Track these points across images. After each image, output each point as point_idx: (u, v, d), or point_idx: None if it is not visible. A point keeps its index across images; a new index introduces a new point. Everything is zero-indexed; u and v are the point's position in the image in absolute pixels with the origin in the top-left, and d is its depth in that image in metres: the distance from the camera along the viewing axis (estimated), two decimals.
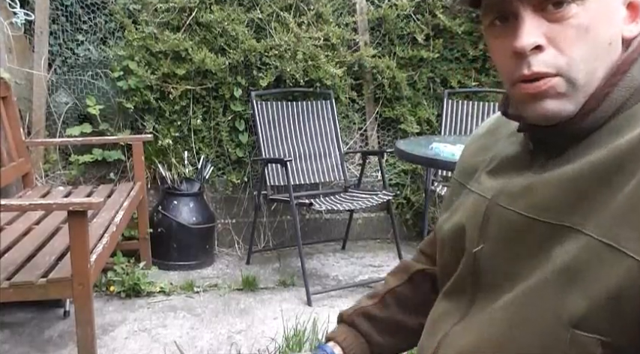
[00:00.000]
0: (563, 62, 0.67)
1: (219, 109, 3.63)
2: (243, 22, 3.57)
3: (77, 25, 3.54)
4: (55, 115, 3.52)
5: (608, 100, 0.68)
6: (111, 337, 2.59)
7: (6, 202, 2.07)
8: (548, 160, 0.72)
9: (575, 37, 0.66)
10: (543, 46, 0.67)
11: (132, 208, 3.00)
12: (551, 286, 0.64)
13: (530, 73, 0.67)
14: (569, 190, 0.66)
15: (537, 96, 0.68)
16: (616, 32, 0.69)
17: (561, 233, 0.65)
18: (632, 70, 0.68)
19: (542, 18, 0.67)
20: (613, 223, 0.61)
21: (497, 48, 0.72)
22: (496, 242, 0.74)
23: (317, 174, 3.62)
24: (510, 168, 0.79)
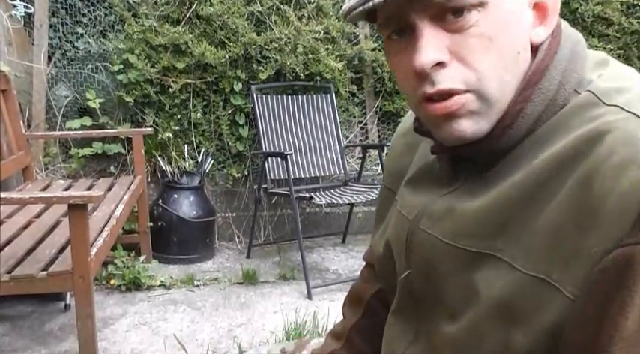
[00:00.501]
0: (472, 77, 0.60)
1: (220, 103, 3.62)
2: (243, 15, 3.56)
3: (77, 18, 3.53)
4: (55, 109, 3.52)
5: (522, 115, 0.62)
6: (111, 330, 2.60)
7: (6, 195, 2.07)
8: (470, 180, 0.67)
9: (480, 47, 0.59)
10: (446, 62, 0.60)
11: (132, 201, 3.00)
12: (489, 322, 0.60)
13: (435, 90, 0.61)
14: (489, 215, 0.62)
15: (448, 116, 0.61)
16: (524, 39, 0.63)
17: (481, 260, 0.61)
18: (543, 81, 0.62)
19: (442, 29, 0.60)
20: (538, 250, 0.56)
21: (397, 65, 0.65)
22: (421, 268, 0.71)
23: (317, 168, 3.62)
24: (431, 183, 0.73)
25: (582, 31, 3.89)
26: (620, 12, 3.93)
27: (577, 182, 0.54)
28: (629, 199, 0.50)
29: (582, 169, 0.55)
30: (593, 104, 0.59)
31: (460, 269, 0.64)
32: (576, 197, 0.54)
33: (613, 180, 0.51)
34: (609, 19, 3.91)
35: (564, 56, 0.64)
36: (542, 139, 0.61)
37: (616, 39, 3.96)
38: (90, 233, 2.09)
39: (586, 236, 0.52)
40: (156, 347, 2.45)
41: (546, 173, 0.58)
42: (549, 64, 0.63)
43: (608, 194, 0.51)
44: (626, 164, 0.51)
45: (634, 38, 4.01)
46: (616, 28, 3.95)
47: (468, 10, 0.59)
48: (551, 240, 0.55)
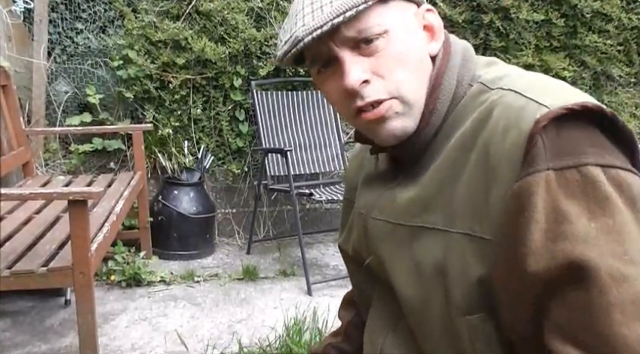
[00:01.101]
0: (392, 87, 0.75)
1: (219, 99, 3.62)
2: (243, 10, 3.55)
3: (76, 13, 3.53)
4: (54, 104, 3.51)
5: (434, 113, 0.77)
6: (112, 326, 2.60)
7: (6, 191, 2.06)
8: (408, 173, 0.81)
9: (392, 64, 0.75)
10: (369, 79, 0.75)
11: (132, 197, 3.00)
12: (431, 285, 0.73)
13: (364, 103, 0.76)
14: (420, 195, 0.76)
15: (380, 120, 0.77)
16: (423, 52, 0.79)
17: (419, 233, 0.75)
18: (443, 83, 0.78)
19: (360, 55, 0.75)
20: (462, 214, 0.70)
21: (330, 91, 0.80)
22: (376, 252, 0.84)
23: (317, 164, 3.62)
24: (377, 182, 0.88)
25: (581, 26, 3.90)
26: (620, 8, 3.92)
27: (479, 152, 0.69)
28: (514, 152, 0.64)
29: (481, 141, 0.69)
30: (482, 91, 0.75)
31: (402, 244, 0.78)
32: (480, 165, 0.68)
33: (502, 142, 0.66)
34: (609, 14, 3.90)
35: (457, 61, 0.80)
36: (450, 128, 0.76)
37: (616, 35, 3.96)
38: (90, 229, 2.09)
39: (491, 190, 0.66)
40: (156, 343, 2.45)
41: (456, 153, 0.73)
42: (445, 70, 0.79)
43: (500, 154, 0.66)
44: (508, 128, 0.66)
45: (634, 34, 4.01)
46: (616, 24, 3.94)
47: (376, 38, 0.75)
48: (468, 202, 0.69)
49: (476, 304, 0.69)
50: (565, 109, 0.63)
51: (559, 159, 0.62)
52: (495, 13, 3.75)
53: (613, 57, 3.99)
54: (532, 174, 0.62)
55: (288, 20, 0.79)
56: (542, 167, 0.62)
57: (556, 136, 0.63)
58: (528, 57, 3.79)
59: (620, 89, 4.09)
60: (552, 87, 0.71)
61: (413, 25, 0.78)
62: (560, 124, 0.63)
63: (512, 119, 0.66)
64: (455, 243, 0.70)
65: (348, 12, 0.72)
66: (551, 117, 0.63)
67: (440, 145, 0.76)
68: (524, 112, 0.65)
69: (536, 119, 0.63)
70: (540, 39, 3.87)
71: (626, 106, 4.08)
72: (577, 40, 3.92)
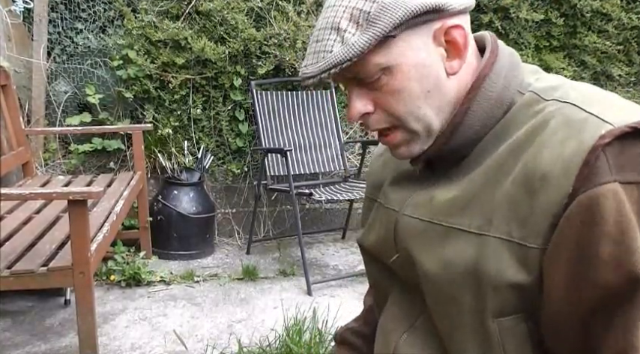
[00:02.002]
0: (393, 119, 0.78)
1: (219, 99, 3.62)
2: (243, 10, 3.55)
3: (76, 13, 3.53)
4: (54, 104, 3.51)
5: (470, 113, 0.77)
6: (111, 325, 2.60)
7: (6, 191, 2.06)
8: (445, 174, 0.82)
9: (392, 99, 0.77)
10: (371, 111, 0.79)
11: (132, 197, 3.00)
12: (462, 289, 0.73)
13: (371, 130, 0.81)
14: (459, 197, 0.76)
15: (390, 146, 0.82)
16: (434, 78, 0.77)
17: (451, 234, 0.75)
18: (484, 85, 0.77)
19: (365, 88, 0.78)
20: (500, 217, 0.70)
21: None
22: (405, 250, 0.83)
23: (317, 164, 3.62)
24: (412, 181, 0.88)
25: (581, 26, 3.90)
26: (620, 7, 3.92)
27: (527, 159, 0.69)
28: (572, 161, 0.64)
29: (532, 149, 0.69)
30: (536, 101, 0.75)
31: (434, 243, 0.77)
32: (527, 170, 0.68)
33: (558, 151, 0.66)
34: (608, 14, 3.90)
35: (503, 65, 0.79)
36: (500, 133, 0.76)
37: (616, 34, 3.96)
38: (90, 229, 2.09)
39: (538, 198, 0.66)
40: (156, 343, 2.45)
41: (505, 157, 0.73)
42: (489, 72, 0.78)
43: (556, 161, 0.66)
44: (567, 138, 0.66)
45: (633, 33, 4.01)
46: (615, 24, 3.94)
47: (377, 78, 0.76)
48: (508, 207, 0.69)
49: (510, 306, 0.70)
50: (629, 128, 0.64)
51: (625, 172, 0.63)
52: (495, 13, 3.75)
53: (613, 57, 4.00)
54: (601, 185, 0.63)
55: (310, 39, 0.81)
56: (609, 179, 0.63)
57: (619, 153, 0.64)
58: (528, 57, 3.79)
59: (620, 89, 4.09)
60: (610, 101, 0.71)
61: (423, 52, 0.76)
62: (622, 141, 0.64)
63: (573, 131, 0.67)
64: (491, 246, 0.70)
65: (338, 65, 0.74)
66: (617, 134, 0.64)
67: (486, 150, 0.76)
68: (586, 126, 0.66)
69: (601, 134, 0.64)
70: (540, 39, 3.87)
71: None
72: (577, 40, 3.92)
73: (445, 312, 0.76)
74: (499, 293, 0.69)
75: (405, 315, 0.85)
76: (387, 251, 0.87)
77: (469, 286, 0.72)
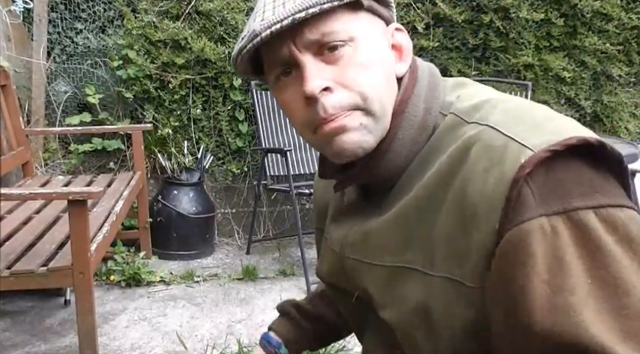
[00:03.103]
0: (357, 98, 0.70)
1: (219, 99, 3.62)
2: (243, 10, 3.55)
3: (76, 13, 3.52)
4: (54, 104, 3.51)
5: (397, 140, 0.73)
6: (111, 325, 2.60)
7: (6, 191, 2.06)
8: (378, 204, 0.77)
9: (357, 73, 0.70)
10: (332, 88, 0.70)
11: (132, 197, 3.00)
12: (418, 329, 0.69)
13: (327, 115, 0.70)
14: (395, 233, 0.72)
15: (338, 130, 0.71)
16: (390, 69, 0.74)
17: (399, 273, 0.72)
18: (408, 109, 0.73)
19: (323, 62, 0.70)
20: (440, 256, 0.66)
21: (288, 100, 0.74)
22: (361, 290, 0.80)
23: (317, 164, 3.61)
24: (347, 215, 0.84)
25: (581, 26, 3.90)
26: (620, 7, 3.92)
27: (455, 193, 0.65)
28: (495, 195, 0.60)
29: (457, 182, 0.65)
30: (458, 123, 0.70)
31: (383, 284, 0.74)
32: (457, 205, 0.65)
33: (481, 184, 0.62)
34: (609, 14, 3.90)
35: (423, 87, 0.75)
36: (425, 159, 0.72)
37: (616, 34, 3.96)
38: (90, 229, 2.09)
39: (471, 235, 0.63)
40: (155, 343, 2.45)
41: (432, 188, 0.69)
42: (411, 95, 0.74)
43: (480, 196, 0.62)
44: (489, 168, 0.62)
45: (634, 34, 4.01)
46: (616, 24, 3.94)
47: (341, 45, 0.70)
48: (446, 245, 0.66)
49: (464, 347, 0.66)
50: (550, 152, 0.59)
51: (548, 203, 0.59)
52: (495, 13, 3.75)
53: (613, 57, 3.99)
54: (525, 222, 0.59)
55: (249, 18, 0.75)
56: (534, 214, 0.59)
57: (544, 180, 0.60)
58: (528, 57, 3.79)
59: (620, 89, 4.09)
60: (533, 119, 0.66)
61: (381, 40, 0.74)
62: (547, 166, 0.60)
63: (494, 160, 0.62)
64: (436, 286, 0.67)
65: (311, 9, 0.67)
66: (536, 162, 0.59)
67: (413, 178, 0.72)
68: (506, 153, 0.62)
69: (521, 164, 0.59)
70: (540, 39, 3.87)
71: (626, 106, 4.08)
72: (577, 40, 3.92)
73: (407, 348, 0.73)
74: (451, 333, 0.66)
75: (385, 345, 0.82)
76: (346, 288, 0.84)
77: (422, 325, 0.69)
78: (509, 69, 3.85)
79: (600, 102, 4.03)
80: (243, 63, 0.74)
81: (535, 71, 3.84)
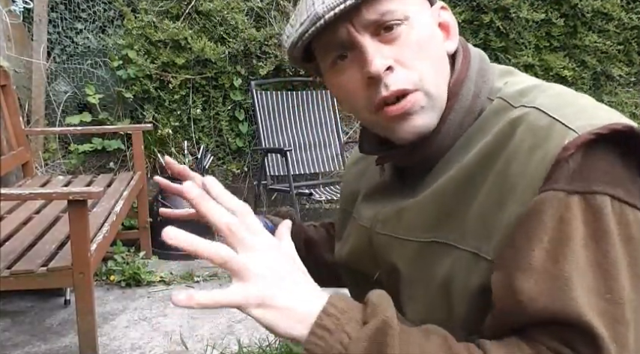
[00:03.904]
0: (416, 77, 0.71)
1: (219, 99, 3.62)
2: (243, 10, 3.55)
3: (76, 13, 3.53)
4: (54, 104, 3.51)
5: (447, 122, 0.74)
6: (111, 326, 2.60)
7: (6, 191, 2.06)
8: (413, 185, 0.78)
9: (414, 52, 0.71)
10: (393, 66, 0.71)
11: (132, 197, 3.00)
12: (437, 298, 0.71)
13: (390, 93, 0.71)
14: (431, 209, 0.73)
15: (404, 115, 0.72)
16: (441, 48, 0.75)
17: (432, 248, 0.72)
18: (462, 91, 0.74)
19: (380, 42, 0.71)
20: (473, 231, 0.68)
21: (347, 82, 0.74)
22: (386, 267, 0.80)
23: (317, 164, 3.62)
24: (382, 194, 0.85)
25: (582, 26, 3.90)
26: (620, 7, 3.92)
27: (499, 170, 0.67)
28: (537, 173, 0.62)
29: (502, 159, 0.67)
30: (504, 108, 0.72)
31: (415, 259, 0.75)
32: (499, 182, 0.66)
33: (525, 161, 0.64)
34: (609, 14, 3.90)
35: (475, 71, 0.77)
36: (468, 141, 0.73)
37: (616, 34, 3.96)
38: (90, 229, 2.09)
39: (505, 211, 0.64)
40: (155, 343, 2.45)
41: (474, 167, 0.70)
42: (465, 78, 0.75)
43: (522, 173, 0.64)
44: (534, 147, 0.64)
45: (634, 33, 4.01)
46: (616, 24, 3.94)
47: (397, 24, 0.71)
48: (480, 220, 0.67)
49: (479, 322, 0.67)
50: (594, 134, 0.61)
51: (572, 183, 0.61)
52: (495, 13, 3.75)
53: (613, 57, 3.99)
54: (546, 191, 0.61)
55: (301, 5, 0.74)
56: (556, 187, 0.61)
57: (580, 162, 0.62)
58: (528, 57, 3.79)
59: (620, 89, 4.09)
60: (579, 104, 0.68)
61: (430, 20, 0.75)
62: (586, 149, 0.62)
63: (539, 139, 0.64)
64: (462, 260, 0.68)
65: None
66: (579, 144, 0.61)
67: (454, 158, 0.73)
68: (551, 133, 0.64)
69: (564, 145, 0.62)
70: (540, 39, 3.87)
71: (626, 105, 4.08)
72: (577, 40, 3.92)
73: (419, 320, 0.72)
74: (467, 306, 0.67)
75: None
76: (368, 268, 0.85)
77: (442, 299, 0.70)
78: None
79: (600, 102, 4.01)
80: (301, 48, 0.74)
81: (535, 71, 3.84)
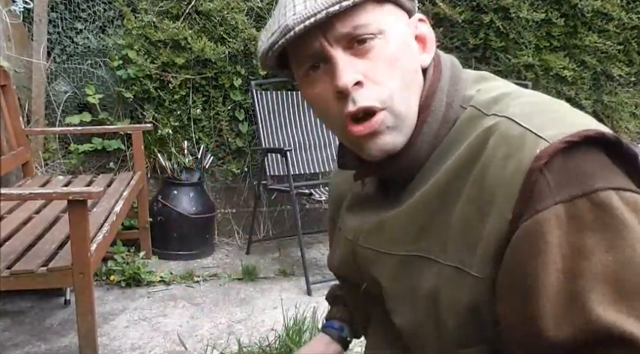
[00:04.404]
0: (385, 94, 0.71)
1: (219, 99, 3.61)
2: (243, 10, 3.55)
3: (76, 13, 3.52)
4: (54, 104, 3.51)
5: (421, 134, 0.74)
6: (111, 326, 2.60)
7: (6, 191, 2.06)
8: (395, 197, 0.78)
9: (386, 68, 0.71)
10: (362, 82, 0.70)
11: (132, 197, 3.00)
12: (424, 312, 0.71)
13: (356, 109, 0.70)
14: (411, 222, 0.73)
15: (371, 135, 0.71)
16: (416, 61, 0.75)
17: (413, 262, 0.72)
18: (433, 103, 0.74)
19: (353, 56, 0.70)
20: (454, 245, 0.67)
21: (317, 95, 0.74)
22: (371, 279, 0.80)
23: (317, 164, 3.62)
24: (365, 206, 0.85)
25: (582, 26, 3.90)
26: (620, 7, 3.92)
27: (474, 180, 0.66)
28: (511, 184, 0.61)
29: (477, 169, 0.66)
30: (477, 116, 0.71)
31: (397, 273, 0.75)
32: (476, 193, 0.66)
33: (500, 172, 0.63)
34: (609, 14, 3.90)
35: (446, 80, 0.76)
36: (444, 152, 0.73)
37: (616, 34, 3.96)
38: (90, 229, 2.09)
39: (486, 222, 0.63)
40: (155, 343, 2.45)
41: (450, 178, 0.69)
42: (436, 89, 0.75)
43: (498, 183, 0.63)
44: (507, 156, 0.63)
45: (634, 33, 4.01)
46: (616, 24, 3.94)
47: (371, 38, 0.70)
48: (461, 233, 0.67)
49: (470, 336, 0.67)
50: (565, 143, 0.60)
51: (566, 189, 0.59)
52: (495, 13, 3.75)
53: (613, 57, 3.99)
54: (540, 212, 0.59)
55: (275, 12, 0.74)
56: (549, 203, 0.59)
57: (560, 169, 0.60)
58: (528, 57, 3.79)
59: (620, 89, 4.09)
60: (551, 112, 0.67)
61: (406, 32, 0.75)
62: (562, 156, 0.61)
63: (512, 148, 0.63)
64: (446, 274, 0.68)
65: (344, 2, 0.67)
66: (552, 152, 0.60)
67: (431, 171, 0.73)
68: (523, 143, 0.63)
69: (536, 155, 0.60)
70: (540, 38, 3.87)
71: (626, 105, 4.08)
72: (577, 40, 3.92)
73: (415, 339, 0.74)
74: (457, 321, 0.66)
75: (388, 338, 0.82)
76: (355, 279, 0.85)
77: (431, 313, 0.70)
78: (510, 69, 3.85)
79: (600, 102, 4.03)
80: (272, 58, 0.74)
81: (535, 71, 3.84)
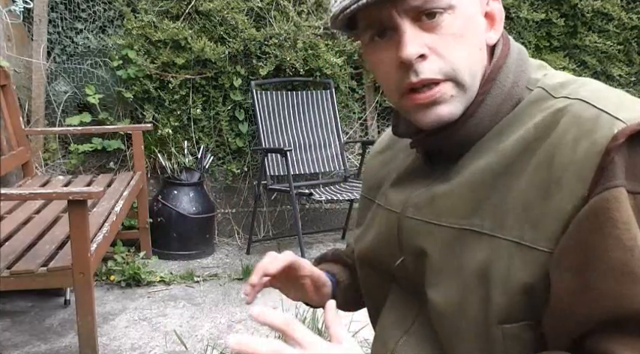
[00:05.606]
0: (449, 67, 0.71)
1: (219, 99, 3.61)
2: (243, 10, 3.55)
3: (76, 13, 3.52)
4: (54, 104, 3.51)
5: (483, 106, 0.74)
6: (111, 325, 2.60)
7: (6, 191, 2.06)
8: (445, 170, 0.77)
9: (452, 43, 0.71)
10: (426, 55, 0.70)
11: (132, 197, 3.00)
12: (472, 290, 0.70)
13: (418, 80, 0.71)
14: (466, 196, 0.73)
15: (431, 104, 0.72)
16: (482, 39, 0.75)
17: (464, 236, 0.72)
18: (499, 77, 0.74)
19: (420, 29, 0.71)
20: (513, 220, 0.67)
21: (380, 62, 0.75)
22: (412, 252, 0.79)
23: (317, 164, 3.62)
24: (412, 179, 0.84)
25: (582, 26, 3.90)
26: (620, 7, 3.92)
27: (540, 160, 0.67)
28: (585, 163, 0.62)
29: (544, 149, 0.67)
30: (545, 98, 0.72)
31: (446, 246, 0.74)
32: (541, 172, 0.66)
33: (571, 152, 0.64)
34: (609, 14, 3.90)
35: (514, 60, 0.76)
36: (505, 128, 0.73)
37: (616, 34, 3.96)
38: (90, 229, 2.09)
39: (551, 201, 0.64)
40: (155, 343, 2.45)
41: (513, 155, 0.70)
42: (503, 65, 0.75)
43: (568, 164, 0.64)
44: (579, 138, 0.64)
45: (634, 33, 4.01)
46: (616, 24, 3.94)
47: (440, 13, 0.70)
48: (521, 210, 0.67)
49: (517, 312, 0.67)
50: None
51: (633, 182, 0.61)
52: None
53: (613, 57, 3.99)
54: (611, 188, 0.61)
55: None
56: (620, 183, 0.61)
57: (630, 156, 0.62)
58: None
59: (620, 89, 4.08)
60: (620, 98, 0.69)
61: (476, 9, 0.74)
62: (633, 142, 0.62)
63: (585, 130, 0.64)
64: (502, 249, 0.68)
65: None
66: (629, 133, 0.61)
67: (489, 144, 0.73)
68: (599, 123, 0.63)
69: (614, 134, 0.61)
70: (540, 38, 3.87)
71: None
72: (577, 40, 3.92)
73: (449, 315, 0.73)
74: (508, 297, 0.67)
75: (402, 319, 0.82)
76: (389, 254, 0.83)
77: (478, 289, 0.69)
78: None
79: None
80: (342, 20, 0.73)
81: None
